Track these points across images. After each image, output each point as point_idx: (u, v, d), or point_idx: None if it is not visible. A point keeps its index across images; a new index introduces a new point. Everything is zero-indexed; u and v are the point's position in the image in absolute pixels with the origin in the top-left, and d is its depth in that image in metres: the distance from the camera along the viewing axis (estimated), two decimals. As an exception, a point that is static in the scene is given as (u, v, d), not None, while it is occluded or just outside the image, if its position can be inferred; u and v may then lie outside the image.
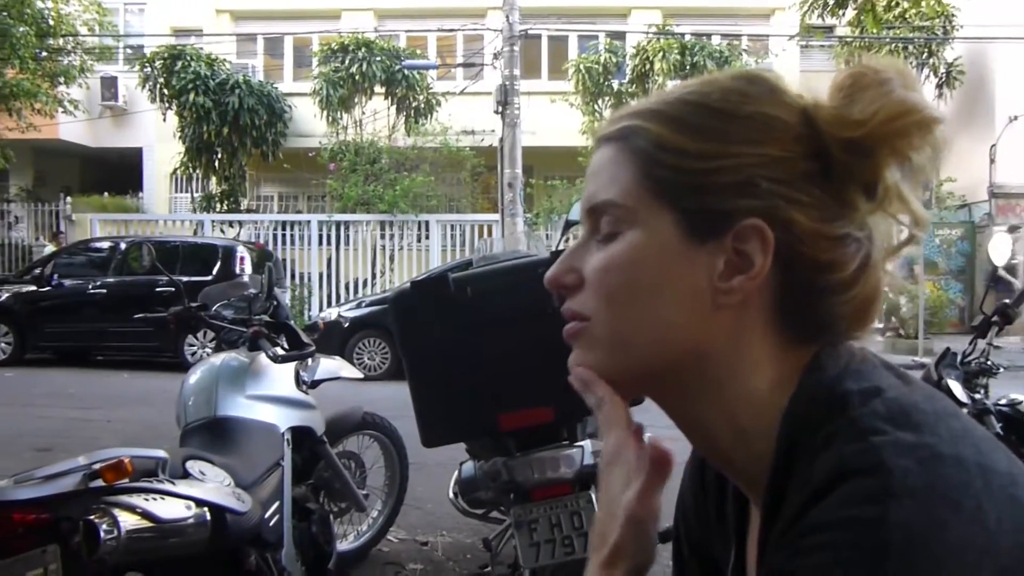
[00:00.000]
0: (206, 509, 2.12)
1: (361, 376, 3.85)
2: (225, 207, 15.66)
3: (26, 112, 14.03)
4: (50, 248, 13.95)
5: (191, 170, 15.63)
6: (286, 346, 3.09)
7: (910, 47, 14.46)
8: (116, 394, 8.79)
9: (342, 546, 3.62)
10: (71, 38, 14.96)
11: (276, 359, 2.91)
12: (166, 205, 17.49)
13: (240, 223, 14.90)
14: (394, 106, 15.55)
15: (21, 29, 13.26)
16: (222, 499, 2.19)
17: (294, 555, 2.80)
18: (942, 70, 14.83)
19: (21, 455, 5.77)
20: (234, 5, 17.66)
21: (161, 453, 2.15)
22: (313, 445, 3.17)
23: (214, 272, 10.16)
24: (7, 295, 10.97)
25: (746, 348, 0.64)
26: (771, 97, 0.64)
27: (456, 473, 2.86)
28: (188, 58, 14.98)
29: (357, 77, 14.95)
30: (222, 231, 14.60)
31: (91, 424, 7.14)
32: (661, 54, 14.56)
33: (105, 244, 11.77)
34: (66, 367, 10.62)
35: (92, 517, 1.84)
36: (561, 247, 2.77)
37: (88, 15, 15.33)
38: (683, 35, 15.34)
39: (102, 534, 1.81)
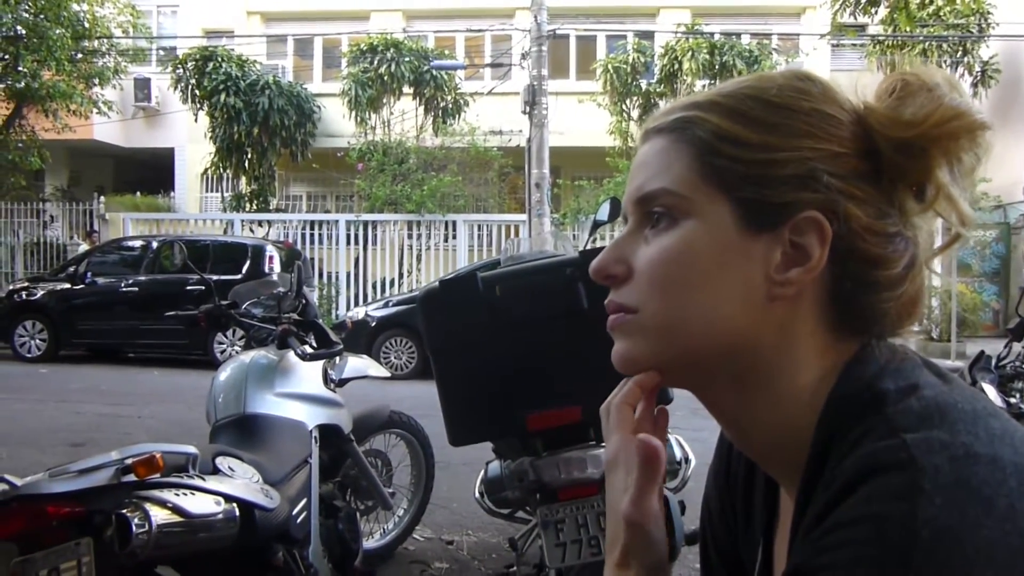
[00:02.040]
0: (235, 505, 2.14)
1: (388, 375, 3.87)
2: (255, 207, 15.83)
3: (62, 113, 14.28)
4: (84, 247, 14.18)
5: (222, 170, 15.82)
6: (314, 344, 3.11)
7: (944, 45, 14.24)
8: (147, 391, 8.91)
9: (368, 544, 3.64)
10: (106, 40, 15.19)
11: (305, 357, 2.94)
12: (197, 204, 17.71)
13: (269, 222, 15.04)
14: (422, 106, 15.63)
15: (58, 32, 13.50)
16: (251, 495, 2.21)
17: (321, 552, 2.82)
18: (977, 69, 14.59)
19: (55, 449, 5.88)
20: (265, 7, 17.84)
21: (191, 449, 2.17)
22: (340, 443, 3.19)
23: (243, 271, 10.28)
24: (42, 293, 11.17)
25: (796, 341, 0.64)
26: (826, 96, 0.65)
27: (482, 472, 2.86)
28: (219, 59, 15.18)
29: (386, 77, 15.03)
30: (251, 230, 14.75)
31: (123, 420, 7.25)
32: (690, 54, 14.47)
33: (137, 243, 11.95)
34: (99, 364, 10.79)
35: (124, 511, 1.86)
36: (589, 247, 2.76)
37: (122, 17, 15.57)
38: (712, 34, 15.24)
39: (134, 528, 1.84)
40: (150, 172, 17.89)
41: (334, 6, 17.60)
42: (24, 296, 11.19)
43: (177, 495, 1.96)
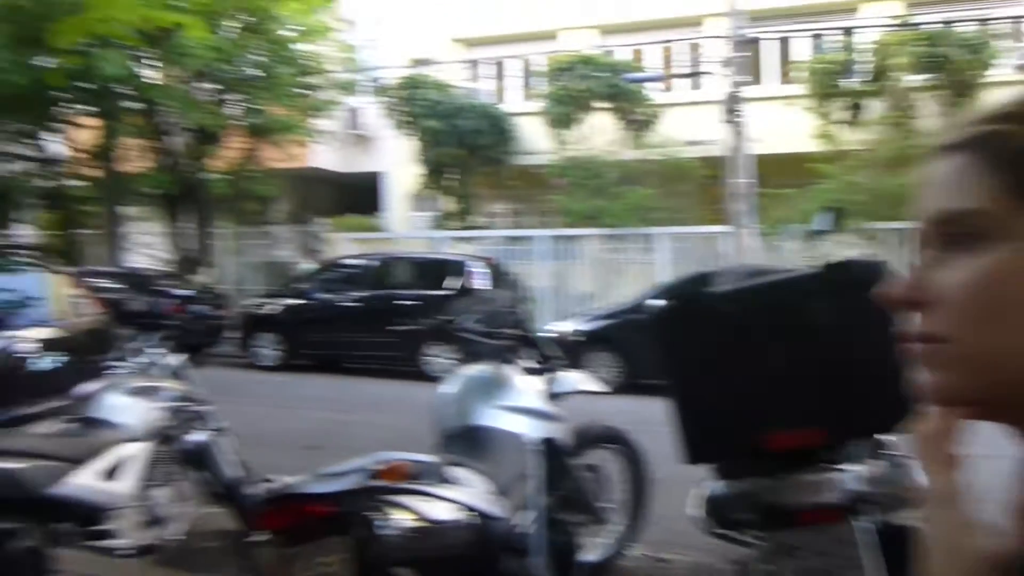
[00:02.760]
0: (471, 513, 2.23)
1: (605, 389, 3.88)
2: (459, 224, 16.53)
3: (288, 144, 15.72)
4: (309, 265, 15.41)
5: (427, 190, 16.68)
6: (533, 359, 3.19)
7: None
8: (367, 399, 9.51)
9: (585, 558, 3.66)
10: (324, 75, 16.52)
11: (524, 371, 3.02)
12: (405, 224, 18.74)
13: (472, 239, 15.63)
14: (617, 120, 15.66)
15: (284, 71, 14.85)
16: (485, 504, 2.30)
17: (543, 563, 2.87)
18: None
19: (292, 451, 6.40)
20: (467, 33, 18.60)
21: (431, 458, 2.29)
22: (558, 456, 3.24)
23: (450, 286, 10.73)
24: (275, 307, 12.28)
25: None
26: None
27: (701, 490, 2.79)
28: (424, 86, 16.07)
29: (580, 93, 15.22)
30: (457, 247, 15.40)
31: (349, 426, 7.77)
32: (902, 47, 13.45)
33: (354, 261, 12.83)
34: (323, 373, 11.65)
35: (373, 513, 2.00)
36: (832, 260, 2.63)
37: (337, 53, 16.89)
38: (918, 25, 14.08)
39: (382, 530, 1.97)
40: (362, 195, 19.13)
41: (529, 28, 18.04)
42: (260, 311, 12.34)
43: (420, 501, 2.08)
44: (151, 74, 14.79)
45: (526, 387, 3.09)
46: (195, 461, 4.26)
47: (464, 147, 15.83)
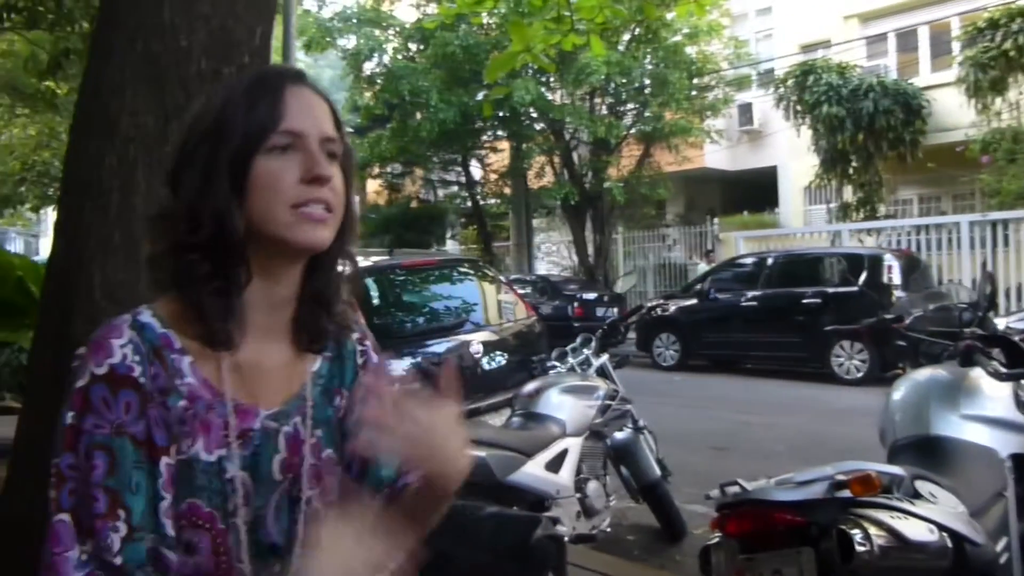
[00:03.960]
0: (947, 535, 2.00)
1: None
2: (862, 215, 15.32)
3: (682, 147, 15.93)
4: (703, 266, 15.44)
5: (825, 181, 15.70)
6: (1001, 361, 2.78)
7: None
8: (768, 401, 9.21)
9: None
10: (715, 74, 16.47)
11: (995, 376, 2.64)
12: (801, 218, 17.88)
13: (878, 230, 14.38)
14: (1065, 78, 13.25)
15: (675, 75, 15.08)
16: (962, 526, 2.05)
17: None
18: None
19: (700, 451, 6.44)
20: (862, 7, 17.21)
21: (898, 470, 2.11)
22: (1034, 476, 2.79)
23: (860, 282, 9.93)
24: (673, 308, 12.49)
25: None
26: None
27: None
28: (818, 71, 15.16)
29: (1012, 53, 13.14)
30: (860, 240, 14.29)
31: (753, 427, 7.61)
32: None
33: (751, 260, 12.53)
34: (720, 373, 11.56)
35: (844, 527, 1.87)
36: None
37: (727, 50, 16.71)
38: None
39: (856, 545, 1.84)
40: (754, 191, 18.68)
41: (939, -11, 16.10)
42: (659, 312, 12.65)
43: (891, 517, 1.91)
44: (554, 95, 16.05)
45: (994, 394, 2.70)
46: (620, 458, 4.49)
47: (865, 131, 14.62)
